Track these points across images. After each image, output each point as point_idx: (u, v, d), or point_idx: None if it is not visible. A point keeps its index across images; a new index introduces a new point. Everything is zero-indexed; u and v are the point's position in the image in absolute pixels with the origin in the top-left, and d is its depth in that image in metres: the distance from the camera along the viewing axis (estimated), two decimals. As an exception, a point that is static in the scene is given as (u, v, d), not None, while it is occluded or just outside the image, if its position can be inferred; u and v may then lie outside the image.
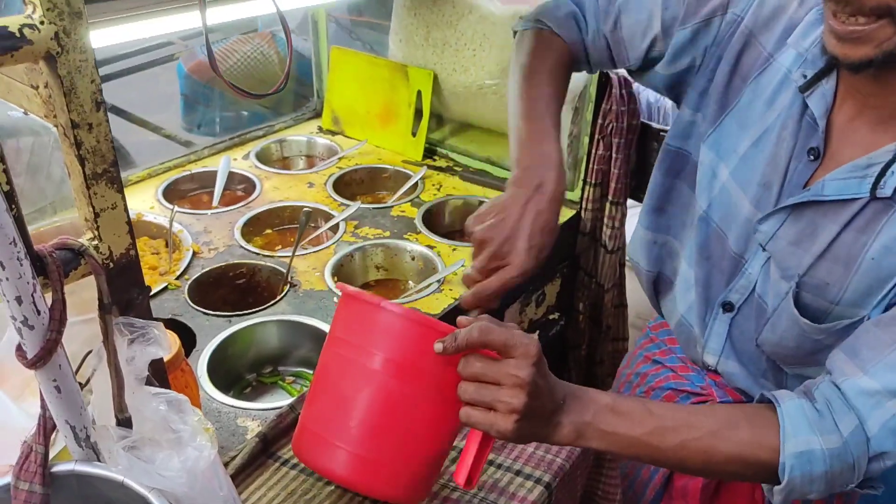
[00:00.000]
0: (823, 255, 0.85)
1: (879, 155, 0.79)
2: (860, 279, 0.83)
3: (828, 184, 0.83)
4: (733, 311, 0.98)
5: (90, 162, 0.65)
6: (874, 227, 0.81)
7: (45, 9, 0.59)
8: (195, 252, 1.39)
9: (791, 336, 0.90)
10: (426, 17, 1.69)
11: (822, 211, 0.84)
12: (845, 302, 0.85)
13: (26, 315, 0.63)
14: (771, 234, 0.89)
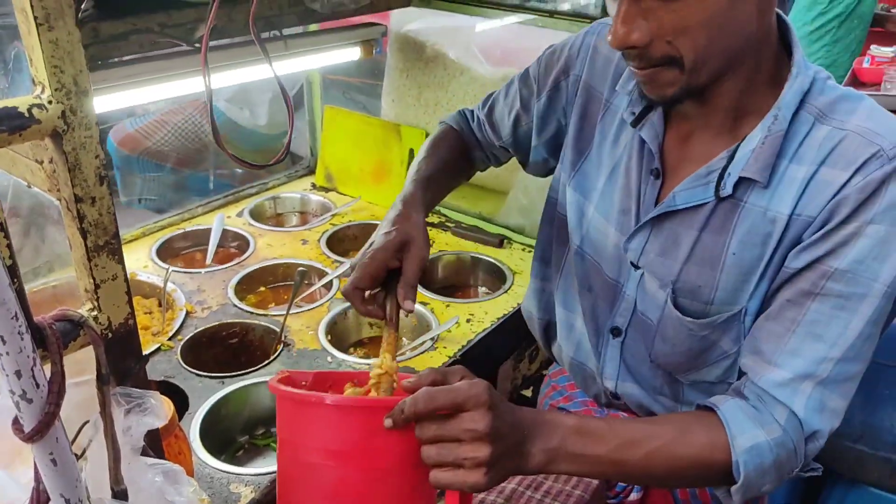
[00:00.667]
0: (689, 259, 0.92)
1: (715, 163, 0.88)
2: (727, 276, 0.89)
3: (677, 195, 0.91)
4: (621, 335, 1.04)
5: (92, 235, 0.66)
6: (728, 226, 0.88)
7: (54, 88, 0.61)
8: (188, 312, 1.39)
9: (680, 340, 0.95)
10: (418, 78, 1.74)
11: (678, 220, 0.92)
12: (718, 300, 0.91)
13: (25, 389, 0.63)
14: (640, 251, 0.96)
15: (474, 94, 1.66)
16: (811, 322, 0.83)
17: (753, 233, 0.87)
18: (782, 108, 0.84)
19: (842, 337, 0.82)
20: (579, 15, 1.43)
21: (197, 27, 1.14)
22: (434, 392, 0.72)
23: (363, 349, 1.43)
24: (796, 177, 0.84)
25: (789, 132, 0.85)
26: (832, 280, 0.81)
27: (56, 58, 0.60)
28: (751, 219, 0.87)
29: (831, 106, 0.85)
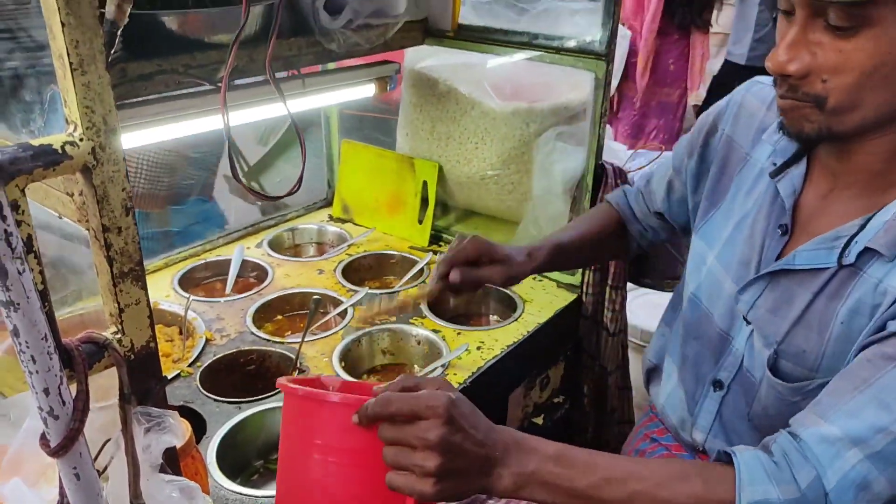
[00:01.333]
0: (799, 321, 0.90)
1: (846, 228, 0.86)
2: (833, 345, 0.87)
3: (799, 254, 0.90)
4: (723, 389, 1.02)
5: (118, 262, 0.71)
6: (843, 293, 0.86)
7: (85, 127, 0.66)
8: (208, 339, 1.44)
9: (772, 404, 0.94)
10: (431, 112, 1.79)
11: (796, 280, 0.91)
12: (823, 370, 0.88)
13: (52, 405, 0.67)
14: (751, 304, 0.96)
15: (485, 127, 1.71)
16: (883, 387, 0.76)
17: (863, 303, 0.84)
18: None
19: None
20: (585, 51, 1.47)
21: (219, 68, 1.20)
22: (392, 397, 0.75)
23: (376, 376, 1.47)
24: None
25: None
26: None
27: (88, 99, 0.66)
28: (864, 288, 0.84)
29: None
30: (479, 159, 1.75)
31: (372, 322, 1.45)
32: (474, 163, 1.75)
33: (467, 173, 1.78)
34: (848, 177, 0.89)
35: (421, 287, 1.28)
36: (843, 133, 0.83)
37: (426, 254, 1.80)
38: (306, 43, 1.36)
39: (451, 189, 1.84)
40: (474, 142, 1.74)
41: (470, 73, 1.73)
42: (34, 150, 0.64)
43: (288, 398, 0.87)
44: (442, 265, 1.13)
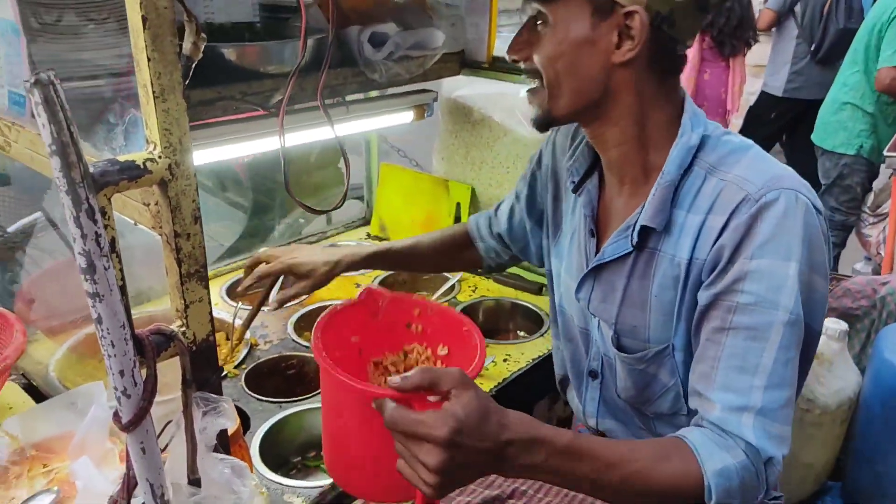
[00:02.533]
0: (623, 302, 1.04)
1: (632, 217, 1.01)
2: (654, 316, 1.00)
3: (606, 249, 1.05)
4: (598, 376, 1.14)
5: (185, 264, 0.81)
6: (649, 272, 1.00)
7: (164, 146, 0.78)
8: (253, 344, 1.55)
9: (625, 375, 1.06)
10: (466, 139, 1.90)
11: (611, 270, 1.05)
12: (654, 339, 1.02)
13: (126, 386, 0.77)
14: (588, 299, 1.10)
15: (517, 153, 1.81)
16: (729, 356, 0.90)
17: (666, 276, 0.98)
18: (668, 163, 0.97)
19: (760, 365, 0.88)
20: (611, 83, 1.56)
21: (272, 95, 1.32)
22: (397, 420, 0.77)
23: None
24: (692, 225, 0.95)
25: (685, 186, 0.97)
26: (737, 314, 0.89)
27: (167, 123, 0.77)
28: (664, 265, 0.98)
29: (720, 160, 0.96)
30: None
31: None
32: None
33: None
34: (618, 179, 1.04)
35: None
36: (562, 115, 1.00)
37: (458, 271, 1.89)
38: (351, 73, 1.47)
39: (483, 210, 1.93)
40: (506, 167, 1.83)
41: (503, 102, 1.83)
42: (120, 165, 0.75)
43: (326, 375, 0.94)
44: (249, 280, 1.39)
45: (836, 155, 3.34)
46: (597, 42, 0.94)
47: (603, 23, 0.93)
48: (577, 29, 0.94)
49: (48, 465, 1.13)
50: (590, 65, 0.95)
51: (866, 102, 3.21)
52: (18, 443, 1.13)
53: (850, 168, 3.32)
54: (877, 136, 3.25)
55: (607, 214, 1.09)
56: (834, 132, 3.33)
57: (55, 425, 1.15)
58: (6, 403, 1.29)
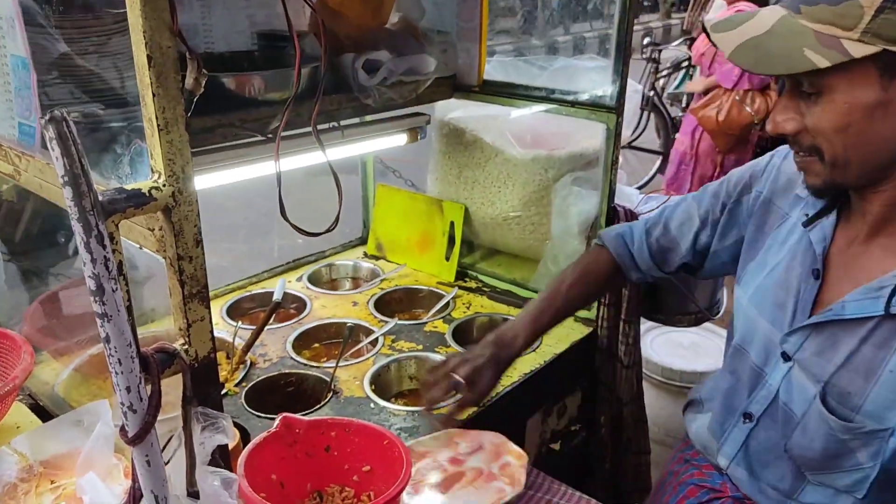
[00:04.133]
0: (844, 365, 0.96)
1: (889, 278, 0.93)
2: (879, 391, 0.92)
3: (847, 304, 0.97)
4: (753, 421, 1.10)
5: (188, 285, 0.86)
6: (891, 343, 0.92)
7: (167, 175, 0.83)
8: (252, 363, 1.59)
9: (819, 437, 0.99)
10: (459, 159, 1.95)
11: (841, 326, 0.97)
12: (865, 412, 0.94)
13: (132, 401, 0.82)
14: (798, 346, 1.03)
15: (508, 173, 1.86)
16: None
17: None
18: None
19: None
20: (597, 105, 1.62)
21: (270, 121, 1.37)
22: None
23: (403, 399, 1.59)
24: None
25: None
26: None
27: (171, 153, 0.82)
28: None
29: None
30: (502, 202, 1.89)
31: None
32: (497, 205, 1.90)
33: (491, 215, 1.92)
34: (873, 230, 0.96)
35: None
36: (848, 184, 0.94)
37: (452, 288, 1.93)
38: (346, 99, 1.53)
39: (477, 229, 1.99)
40: (498, 186, 1.89)
41: (494, 124, 1.88)
42: (127, 193, 0.80)
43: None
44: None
45: None
46: (889, 104, 0.86)
47: (894, 82, 0.85)
48: (867, 94, 0.86)
49: (56, 482, 1.17)
50: (884, 129, 0.87)
51: None
52: (27, 460, 1.17)
53: None
54: None
55: (837, 260, 1.00)
56: None
57: (62, 443, 1.19)
58: (14, 422, 1.33)
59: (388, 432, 1.05)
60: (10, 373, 1.26)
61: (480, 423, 1.37)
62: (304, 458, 1.06)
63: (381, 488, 1.04)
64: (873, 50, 0.84)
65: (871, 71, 0.85)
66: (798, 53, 0.86)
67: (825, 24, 0.86)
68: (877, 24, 0.83)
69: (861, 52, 0.84)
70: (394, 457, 1.02)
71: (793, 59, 0.87)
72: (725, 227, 1.23)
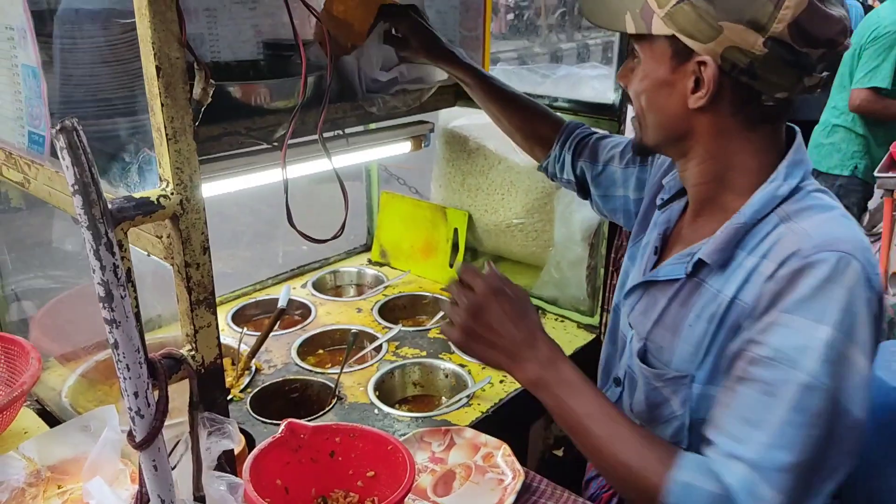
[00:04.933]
0: (657, 322, 1.05)
1: (696, 246, 1.02)
2: (682, 344, 1.01)
3: (661, 268, 1.07)
4: (620, 385, 1.17)
5: (195, 292, 0.87)
6: (690, 301, 1.01)
7: (175, 184, 0.84)
8: (257, 369, 1.60)
9: (640, 388, 1.08)
10: (462, 167, 1.96)
11: (658, 288, 1.07)
12: (675, 364, 1.02)
13: (140, 406, 0.83)
14: (631, 308, 1.13)
15: (511, 180, 1.87)
16: (740, 406, 0.89)
17: (705, 309, 0.98)
18: (747, 206, 0.96)
19: (767, 421, 0.85)
20: (600, 112, 1.63)
21: (275, 130, 1.39)
22: (451, 286, 1.07)
23: (407, 405, 1.60)
24: (746, 266, 0.94)
25: (755, 230, 0.95)
26: (757, 366, 0.88)
27: (179, 162, 0.83)
28: (706, 297, 0.98)
29: (798, 212, 0.94)
30: (505, 209, 1.90)
31: None
32: (501, 212, 1.91)
33: (494, 222, 1.93)
34: (699, 208, 1.06)
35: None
36: (650, 144, 1.05)
37: (456, 295, 1.94)
38: (350, 107, 1.54)
39: (480, 236, 2.00)
40: (501, 193, 1.90)
41: (497, 132, 1.88)
42: (136, 201, 0.82)
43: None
44: None
45: (832, 177, 3.38)
46: (674, 84, 0.95)
47: (681, 67, 0.94)
48: (659, 70, 0.96)
49: (63, 487, 1.18)
50: (669, 105, 0.98)
51: (857, 125, 3.29)
52: (35, 465, 1.18)
53: (846, 189, 3.37)
54: (870, 157, 3.31)
55: (676, 238, 1.11)
56: (828, 155, 3.39)
57: (69, 448, 1.20)
58: (21, 428, 1.34)
59: (393, 438, 1.06)
60: (19, 378, 1.28)
61: (484, 427, 1.38)
62: (308, 463, 1.07)
63: (385, 494, 1.05)
64: (667, 31, 0.92)
65: (666, 50, 0.94)
66: (622, 14, 0.96)
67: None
68: (675, 11, 0.91)
69: (659, 31, 0.93)
70: (398, 462, 1.03)
71: (616, 17, 0.97)
72: (639, 182, 1.31)
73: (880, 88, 3.14)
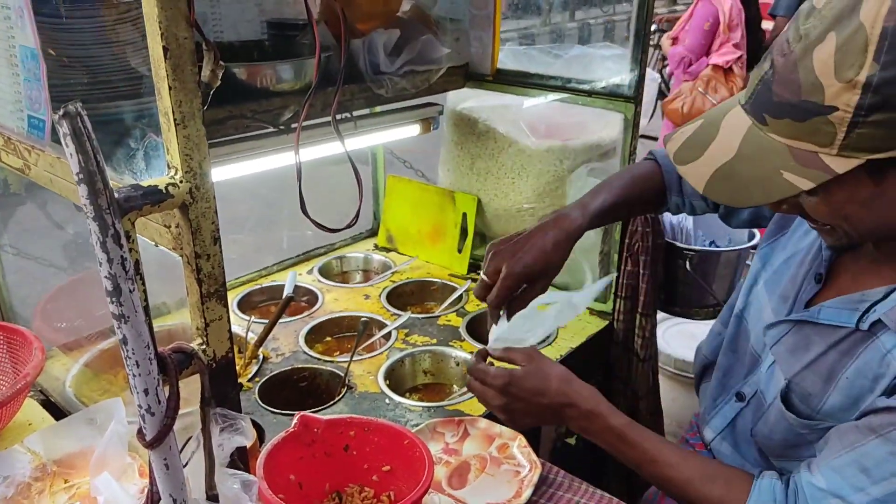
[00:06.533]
0: (810, 366, 0.97)
1: (871, 294, 0.92)
2: (836, 395, 0.94)
3: (824, 309, 0.97)
4: (744, 401, 1.12)
5: (206, 284, 0.84)
6: (854, 352, 0.93)
7: (185, 171, 0.80)
8: (265, 357, 1.57)
9: (779, 430, 1.02)
10: (471, 149, 1.92)
11: (816, 330, 0.98)
12: (824, 413, 0.96)
13: (150, 404, 0.79)
14: (776, 339, 1.04)
15: (522, 164, 1.83)
16: (864, 454, 0.86)
17: (868, 367, 0.90)
18: None
19: (886, 479, 0.84)
20: (614, 94, 1.59)
21: (282, 113, 1.35)
22: (472, 365, 1.16)
23: (418, 394, 1.57)
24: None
25: None
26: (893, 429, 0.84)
27: (187, 148, 0.79)
28: (874, 354, 0.90)
29: None
30: (515, 193, 1.86)
31: None
32: (511, 196, 1.87)
33: (504, 206, 1.89)
34: (887, 251, 0.94)
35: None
36: (856, 243, 0.94)
37: (465, 281, 1.91)
38: (358, 89, 1.50)
39: (489, 221, 1.96)
40: (511, 177, 1.86)
41: (507, 114, 1.85)
42: (144, 190, 0.78)
43: None
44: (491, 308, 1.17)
45: None
46: (885, 190, 0.81)
47: (887, 173, 0.80)
48: (859, 193, 0.82)
49: (69, 481, 1.15)
50: (884, 213, 0.84)
51: None
52: (40, 459, 1.15)
53: None
54: None
55: (842, 270, 1.00)
56: None
57: (75, 441, 1.17)
58: (26, 420, 1.31)
59: (409, 432, 1.03)
60: (22, 370, 1.25)
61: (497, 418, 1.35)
62: (322, 457, 1.04)
63: (401, 489, 1.02)
64: (857, 163, 0.78)
65: (860, 175, 0.80)
66: (777, 177, 0.81)
67: (797, 139, 0.80)
68: (853, 140, 0.77)
69: (845, 167, 0.78)
70: (415, 457, 1.00)
71: (773, 184, 0.81)
72: None
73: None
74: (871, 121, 0.75)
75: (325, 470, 1.05)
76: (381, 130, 1.64)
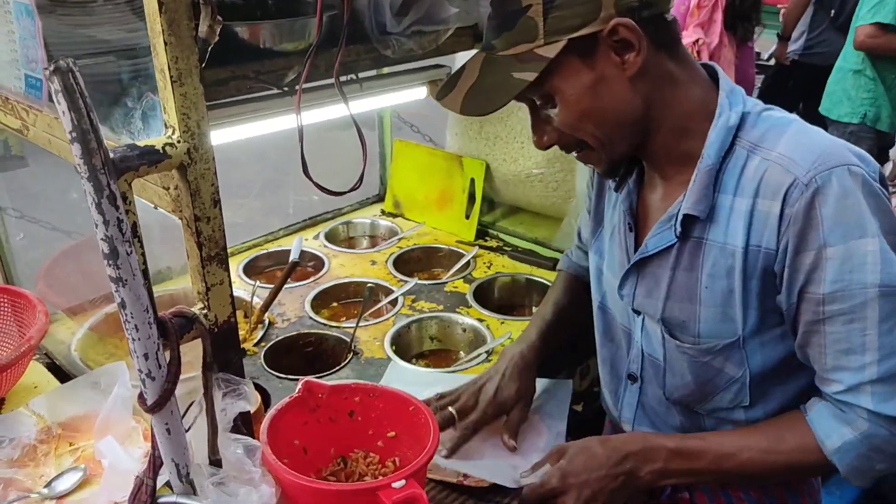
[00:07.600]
0: (668, 296, 1.01)
1: (673, 207, 0.99)
2: (706, 309, 0.98)
3: (648, 241, 1.03)
4: (638, 380, 1.12)
5: (206, 247, 0.82)
6: (696, 263, 0.98)
7: (182, 131, 0.78)
8: (271, 322, 1.56)
9: (686, 370, 1.03)
10: (479, 113, 1.88)
11: (654, 263, 1.03)
12: (705, 332, 0.99)
13: (150, 368, 0.78)
14: (632, 295, 1.08)
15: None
16: (833, 342, 0.91)
17: (718, 266, 0.95)
18: (707, 147, 0.94)
19: (866, 343, 0.88)
20: (628, 56, 1.54)
21: (286, 73, 1.31)
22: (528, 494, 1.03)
23: (424, 360, 1.56)
24: (742, 210, 0.92)
25: (727, 168, 0.94)
26: (827, 304, 0.89)
27: (185, 107, 0.77)
28: (714, 254, 0.96)
29: (761, 137, 0.93)
30: (524, 158, 1.83)
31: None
32: (520, 161, 1.84)
33: (513, 171, 1.86)
34: (660, 172, 1.03)
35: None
36: (624, 155, 1.00)
37: (472, 247, 1.89)
38: (364, 49, 1.45)
39: (498, 186, 1.93)
40: (521, 141, 1.82)
41: (517, 76, 1.80)
42: (140, 150, 0.76)
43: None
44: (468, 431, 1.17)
45: (842, 124, 3.34)
46: (603, 74, 0.91)
47: (594, 57, 0.91)
48: (581, 79, 0.92)
49: (74, 444, 1.15)
50: (614, 95, 0.93)
51: (866, 67, 3.22)
52: (45, 422, 1.15)
53: (857, 136, 3.31)
54: (882, 103, 3.26)
55: (647, 209, 1.07)
56: (839, 102, 3.36)
57: (80, 405, 1.17)
58: (31, 382, 1.31)
59: (414, 397, 1.02)
60: (27, 333, 1.24)
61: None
62: (327, 423, 1.04)
63: (406, 454, 1.02)
64: (561, 45, 0.89)
65: (573, 60, 0.91)
66: (510, 79, 0.92)
67: (516, 45, 0.92)
68: (551, 25, 0.89)
69: (554, 51, 0.90)
70: (420, 422, 0.99)
71: (508, 85, 0.92)
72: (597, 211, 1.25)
73: (885, 24, 3.03)
74: (557, 4, 0.88)
75: (330, 435, 1.04)
76: (388, 93, 1.60)
